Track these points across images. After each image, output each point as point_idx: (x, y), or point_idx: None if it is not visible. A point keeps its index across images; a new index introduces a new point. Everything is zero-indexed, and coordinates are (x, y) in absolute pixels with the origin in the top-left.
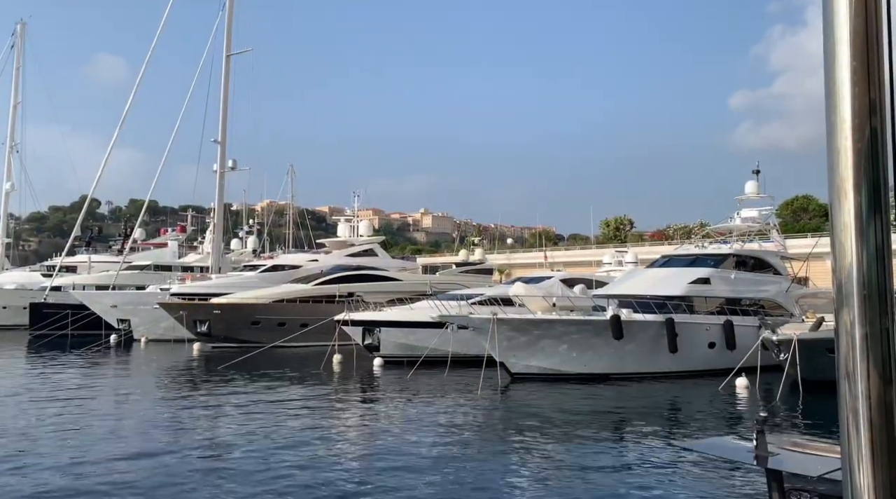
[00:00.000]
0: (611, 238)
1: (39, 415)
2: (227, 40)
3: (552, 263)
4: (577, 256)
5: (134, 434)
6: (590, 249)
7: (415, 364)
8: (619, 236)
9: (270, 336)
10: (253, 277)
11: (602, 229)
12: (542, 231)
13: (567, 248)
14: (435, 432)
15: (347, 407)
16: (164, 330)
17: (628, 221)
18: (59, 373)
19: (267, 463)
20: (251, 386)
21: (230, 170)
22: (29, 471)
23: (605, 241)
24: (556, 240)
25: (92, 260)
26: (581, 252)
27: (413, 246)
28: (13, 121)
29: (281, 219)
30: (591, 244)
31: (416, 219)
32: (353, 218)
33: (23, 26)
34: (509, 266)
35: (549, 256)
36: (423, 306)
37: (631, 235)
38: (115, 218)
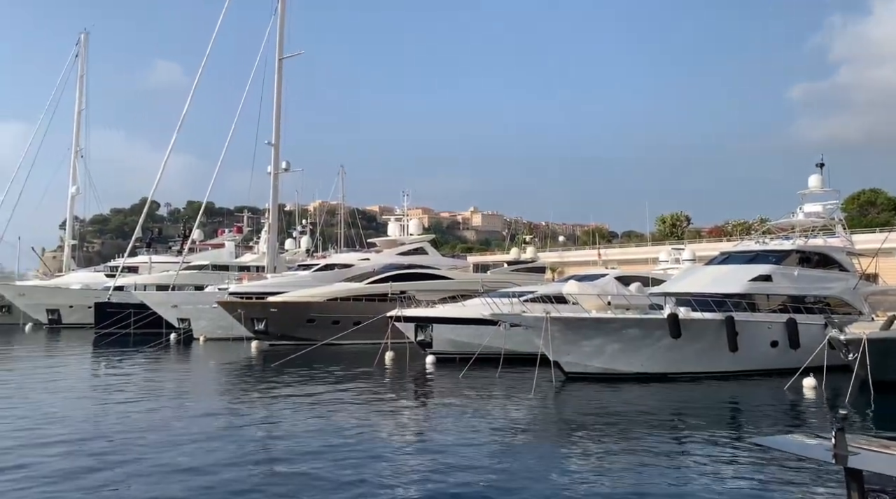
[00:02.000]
0: (667, 235)
1: (107, 411)
2: (280, 44)
3: (606, 261)
4: (632, 253)
5: (196, 431)
6: (645, 247)
7: (468, 362)
8: (676, 233)
9: (325, 334)
10: (307, 276)
11: (658, 226)
12: (596, 229)
13: (621, 245)
14: (489, 429)
15: (401, 403)
16: (222, 329)
17: (685, 218)
18: (124, 370)
19: (323, 458)
20: (308, 383)
21: (283, 171)
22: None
23: (661, 238)
24: (610, 237)
25: (152, 261)
26: (636, 250)
27: (463, 244)
28: (77, 127)
29: (332, 219)
30: (647, 241)
31: (465, 217)
32: (402, 217)
33: (86, 36)
34: (562, 264)
35: (602, 253)
36: (476, 304)
37: (688, 232)
38: (174, 219)
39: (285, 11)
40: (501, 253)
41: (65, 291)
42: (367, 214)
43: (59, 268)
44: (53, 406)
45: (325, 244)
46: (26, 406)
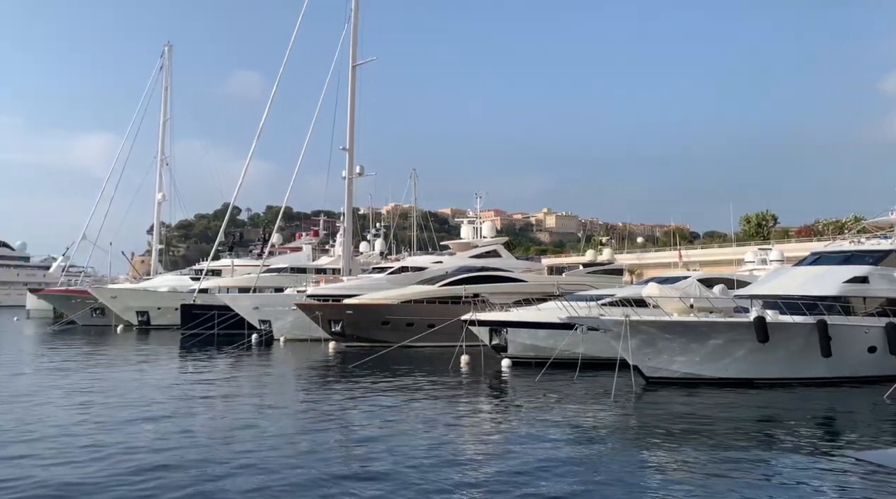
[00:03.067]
0: (752, 235)
1: (194, 410)
2: (353, 51)
3: (687, 263)
4: (715, 254)
5: (278, 432)
6: (729, 248)
7: (543, 366)
8: (762, 233)
9: (399, 336)
10: (381, 278)
11: (742, 226)
12: (676, 229)
13: (703, 246)
14: (568, 435)
15: (478, 407)
16: (300, 330)
17: (771, 217)
18: (210, 370)
19: (402, 462)
20: (385, 385)
21: (357, 176)
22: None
23: (746, 238)
24: (691, 238)
25: (235, 264)
26: (719, 250)
27: (537, 246)
28: (163, 136)
29: (405, 221)
30: (731, 242)
31: (538, 219)
32: (475, 219)
33: (169, 49)
34: (640, 266)
35: (684, 254)
36: (551, 307)
37: (775, 232)
38: (254, 224)
39: (358, 19)
40: (577, 255)
41: (153, 294)
42: (439, 216)
43: (147, 272)
44: (142, 405)
45: (398, 247)
46: (117, 402)
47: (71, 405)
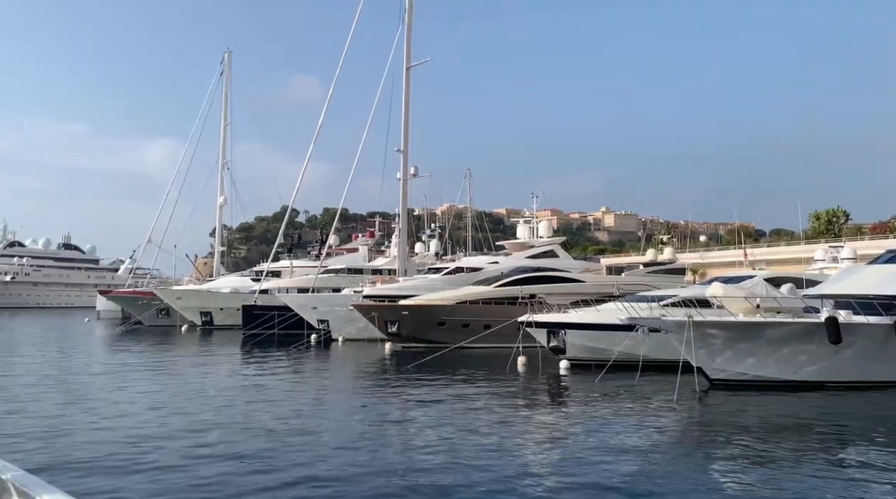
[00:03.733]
0: (822, 232)
1: (255, 409)
2: (407, 53)
3: (753, 262)
4: (782, 253)
5: (337, 431)
6: (797, 246)
7: (603, 368)
8: (832, 230)
9: (455, 337)
10: (437, 279)
11: (811, 223)
12: (740, 227)
13: (770, 244)
14: (629, 438)
15: (537, 409)
16: (358, 330)
17: (843, 214)
18: (271, 369)
19: (460, 463)
20: (442, 386)
21: (412, 177)
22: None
23: (815, 236)
24: (757, 236)
25: (293, 265)
26: (786, 249)
27: (595, 246)
28: (224, 141)
29: (460, 222)
30: (799, 240)
31: (597, 218)
32: (531, 219)
33: (229, 55)
34: (703, 266)
35: (749, 253)
36: (611, 308)
37: (846, 229)
38: (312, 225)
39: (412, 21)
40: (637, 254)
41: (216, 295)
42: (494, 216)
43: (210, 273)
44: (207, 403)
45: (453, 248)
46: (183, 399)
47: (142, 407)
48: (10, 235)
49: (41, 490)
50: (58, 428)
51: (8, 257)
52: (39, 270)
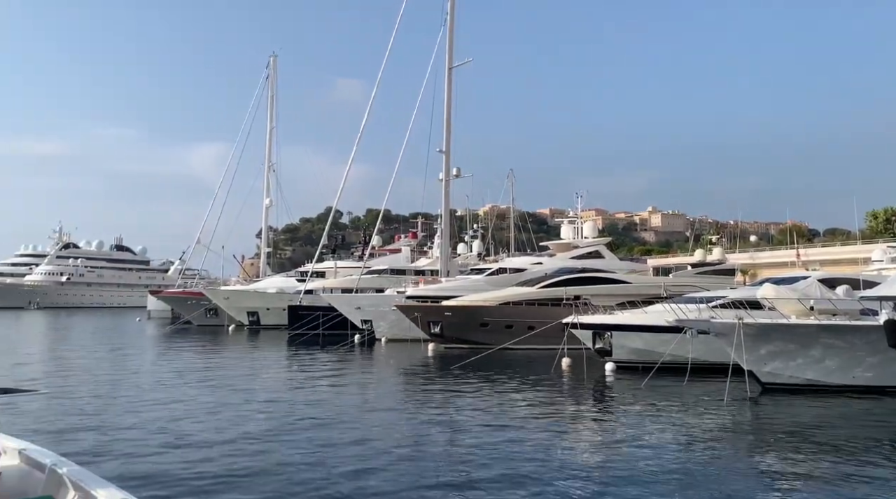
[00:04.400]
0: (879, 232)
1: (296, 411)
2: (450, 54)
3: (806, 262)
4: (837, 253)
5: (381, 432)
6: (853, 246)
7: (650, 370)
8: (891, 230)
9: (498, 338)
10: (480, 280)
11: (868, 222)
12: (793, 226)
13: (824, 244)
14: (677, 442)
15: (582, 411)
16: (401, 330)
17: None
18: (316, 370)
19: (506, 466)
20: (486, 387)
21: (454, 178)
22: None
23: (873, 235)
24: (810, 236)
25: (337, 266)
26: (842, 249)
27: (641, 246)
28: (270, 144)
29: (503, 222)
30: (855, 239)
31: (643, 218)
32: (576, 219)
33: (274, 59)
34: (753, 266)
35: (802, 253)
36: (658, 310)
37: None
38: (355, 226)
39: (454, 22)
40: (684, 255)
41: (262, 295)
42: (537, 217)
43: (256, 273)
44: (256, 403)
45: (496, 248)
46: (232, 398)
47: (193, 406)
48: (66, 236)
49: (95, 484)
50: (111, 425)
51: (63, 259)
52: (93, 271)
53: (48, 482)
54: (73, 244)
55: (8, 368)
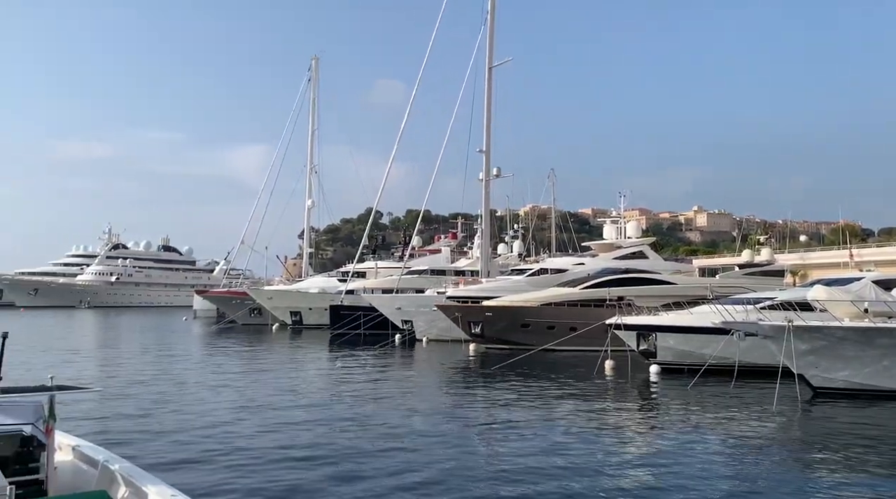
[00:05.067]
0: None
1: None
2: (490, 53)
3: (860, 263)
4: (893, 253)
5: (422, 432)
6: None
7: (696, 373)
8: None
9: (540, 339)
10: (520, 280)
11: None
12: (845, 226)
13: (879, 244)
14: (725, 447)
15: (626, 414)
16: (441, 330)
17: None
18: (359, 369)
19: (545, 469)
20: (528, 388)
21: (494, 178)
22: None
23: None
24: (864, 236)
25: (378, 266)
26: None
27: (686, 247)
28: (312, 145)
29: (544, 222)
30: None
31: (688, 217)
32: (619, 219)
33: (316, 61)
34: (804, 267)
35: (855, 253)
36: (704, 311)
37: None
38: (395, 227)
39: (494, 21)
40: (731, 255)
41: (304, 295)
42: (579, 217)
43: (298, 274)
44: (300, 401)
45: (536, 249)
46: (277, 397)
47: (239, 404)
48: (115, 237)
49: (145, 480)
50: (160, 422)
51: (113, 259)
52: (141, 271)
53: (101, 478)
54: (121, 245)
55: (63, 365)
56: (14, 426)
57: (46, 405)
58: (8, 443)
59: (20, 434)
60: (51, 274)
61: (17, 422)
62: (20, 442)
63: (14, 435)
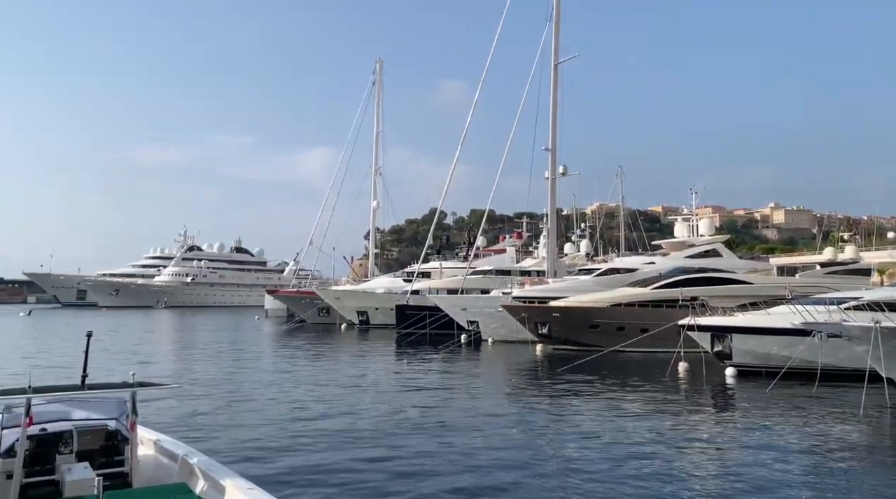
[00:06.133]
0: None
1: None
2: (555, 49)
3: None
4: None
5: (490, 433)
6: None
7: (775, 376)
8: None
9: (609, 340)
10: (588, 280)
11: None
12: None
13: None
14: (808, 455)
15: (700, 418)
16: (507, 331)
17: None
18: (426, 369)
19: (619, 474)
20: (597, 390)
21: (560, 176)
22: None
23: None
24: None
25: (442, 266)
26: None
27: (763, 245)
28: (377, 148)
29: (612, 221)
30: None
31: (764, 214)
32: (690, 217)
33: (380, 65)
34: (892, 265)
35: None
36: (783, 312)
37: None
38: (459, 227)
39: (560, 16)
40: (811, 253)
41: (371, 295)
42: (649, 215)
43: (364, 274)
44: (371, 400)
45: (604, 248)
46: (349, 395)
47: (314, 402)
48: (190, 239)
49: (223, 474)
50: (237, 417)
51: (188, 260)
52: (215, 272)
53: (181, 471)
54: (196, 247)
55: (143, 362)
56: (100, 421)
57: (129, 401)
58: (95, 437)
59: (105, 429)
60: (130, 275)
61: (102, 417)
62: (105, 436)
63: (100, 429)
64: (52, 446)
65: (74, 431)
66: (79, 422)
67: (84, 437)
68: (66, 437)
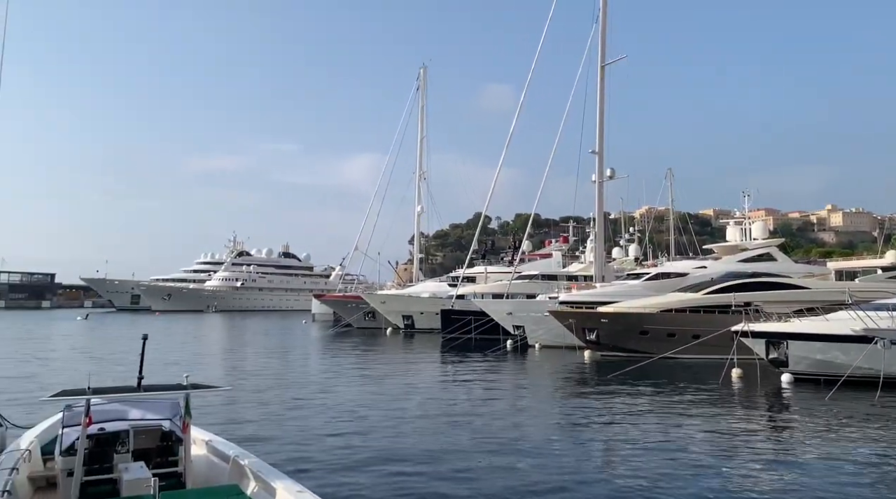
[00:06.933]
0: None
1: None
2: (602, 51)
3: None
4: None
5: (536, 440)
6: None
7: (834, 384)
8: None
9: (659, 346)
10: (637, 285)
11: None
12: None
13: None
14: (871, 467)
15: (755, 427)
16: (554, 336)
17: None
18: (471, 374)
19: (673, 487)
20: (647, 398)
21: (608, 179)
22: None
23: None
24: None
25: (487, 271)
26: None
27: (819, 248)
28: (421, 153)
29: (661, 225)
30: None
31: (820, 217)
32: (743, 220)
33: (424, 70)
34: None
35: None
36: (842, 317)
37: None
38: (504, 232)
39: (606, 18)
40: (872, 257)
41: (416, 300)
42: (699, 218)
43: (409, 279)
44: (417, 406)
45: (654, 252)
46: (395, 400)
47: (361, 404)
48: (239, 245)
49: (274, 476)
50: (287, 420)
51: (238, 266)
52: (264, 277)
53: (232, 472)
54: (245, 252)
55: (196, 364)
56: (155, 421)
57: (183, 402)
58: (150, 437)
59: (160, 429)
60: (182, 280)
61: (157, 417)
62: (160, 437)
63: (155, 429)
64: (109, 446)
65: (131, 430)
66: (135, 422)
67: (140, 436)
68: (123, 436)
